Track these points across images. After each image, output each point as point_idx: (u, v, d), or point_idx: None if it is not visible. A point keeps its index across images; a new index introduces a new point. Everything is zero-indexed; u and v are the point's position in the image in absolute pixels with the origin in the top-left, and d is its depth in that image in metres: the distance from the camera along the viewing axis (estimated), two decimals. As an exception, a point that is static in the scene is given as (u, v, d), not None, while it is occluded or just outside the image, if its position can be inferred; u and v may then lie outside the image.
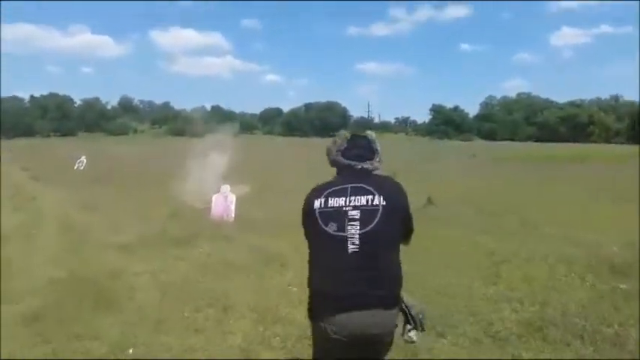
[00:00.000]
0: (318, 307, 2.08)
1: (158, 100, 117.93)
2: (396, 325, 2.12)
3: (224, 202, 9.61)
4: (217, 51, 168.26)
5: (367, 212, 2.04)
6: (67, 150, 32.42)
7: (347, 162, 2.19)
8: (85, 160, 22.47)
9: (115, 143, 56.58)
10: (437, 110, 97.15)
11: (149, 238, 7.61)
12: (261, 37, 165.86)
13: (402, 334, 2.21)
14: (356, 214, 2.04)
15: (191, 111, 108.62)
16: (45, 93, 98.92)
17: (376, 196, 2.07)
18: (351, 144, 2.21)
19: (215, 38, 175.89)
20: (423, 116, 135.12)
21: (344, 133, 2.27)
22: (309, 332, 2.27)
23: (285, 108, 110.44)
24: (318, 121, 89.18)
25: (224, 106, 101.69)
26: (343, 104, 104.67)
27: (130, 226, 8.70)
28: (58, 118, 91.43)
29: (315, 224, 2.09)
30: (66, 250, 6.97)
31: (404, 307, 2.17)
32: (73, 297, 4.93)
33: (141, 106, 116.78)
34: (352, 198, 2.07)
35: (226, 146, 12.27)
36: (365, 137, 2.25)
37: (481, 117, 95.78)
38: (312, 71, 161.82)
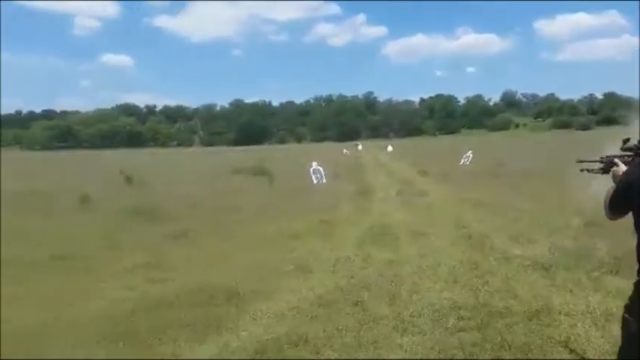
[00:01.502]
0: None
1: (542, 92, 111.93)
2: None
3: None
4: (612, 32, 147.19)
5: None
6: (451, 146, 33.29)
7: None
8: (470, 156, 22.21)
9: (497, 138, 56.04)
10: None
11: (568, 256, 5.66)
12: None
13: None
14: None
15: (578, 101, 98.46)
16: (432, 95, 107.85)
17: None
18: None
19: (610, 18, 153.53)
20: None
21: None
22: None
23: None
24: None
25: (620, 92, 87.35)
26: None
27: (536, 233, 6.96)
28: (443, 117, 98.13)
29: None
30: (464, 262, 5.72)
31: None
32: (477, 332, 3.62)
33: (524, 99, 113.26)
34: None
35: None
36: None
37: None
38: None
